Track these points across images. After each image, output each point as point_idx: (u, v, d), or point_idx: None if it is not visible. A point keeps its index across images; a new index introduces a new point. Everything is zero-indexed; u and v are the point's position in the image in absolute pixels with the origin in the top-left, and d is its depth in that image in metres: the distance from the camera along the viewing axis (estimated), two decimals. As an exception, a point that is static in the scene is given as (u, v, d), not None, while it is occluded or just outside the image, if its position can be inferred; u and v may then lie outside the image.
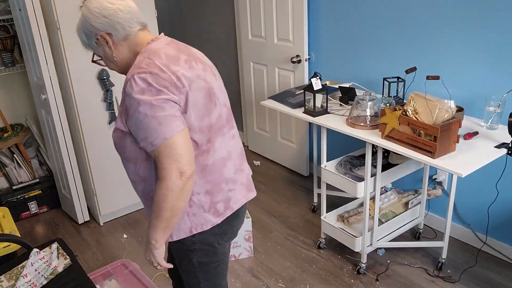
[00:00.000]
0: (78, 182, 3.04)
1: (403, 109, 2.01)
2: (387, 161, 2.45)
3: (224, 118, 1.48)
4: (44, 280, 1.97)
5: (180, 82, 1.32)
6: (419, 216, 2.71)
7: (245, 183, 1.56)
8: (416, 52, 2.61)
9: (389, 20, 2.69)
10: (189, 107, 1.34)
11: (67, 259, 2.11)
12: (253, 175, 3.63)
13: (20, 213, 3.24)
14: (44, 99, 2.81)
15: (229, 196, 1.49)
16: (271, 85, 3.64)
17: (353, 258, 2.62)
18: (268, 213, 3.15)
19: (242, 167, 1.55)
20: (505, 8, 2.17)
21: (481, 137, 2.10)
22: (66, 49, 2.63)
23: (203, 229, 1.46)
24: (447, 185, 2.69)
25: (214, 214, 1.47)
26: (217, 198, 1.46)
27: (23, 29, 2.76)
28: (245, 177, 1.56)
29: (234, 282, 2.50)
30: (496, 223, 2.53)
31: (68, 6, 2.57)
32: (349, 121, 2.30)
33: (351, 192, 2.33)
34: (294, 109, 2.59)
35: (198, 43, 4.56)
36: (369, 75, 2.93)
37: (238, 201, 1.53)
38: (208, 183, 1.44)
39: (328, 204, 2.99)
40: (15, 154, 3.28)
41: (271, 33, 3.44)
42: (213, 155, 1.43)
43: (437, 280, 2.42)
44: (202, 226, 1.46)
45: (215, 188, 1.45)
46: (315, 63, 3.28)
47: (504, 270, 2.46)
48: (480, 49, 2.33)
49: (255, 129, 4.02)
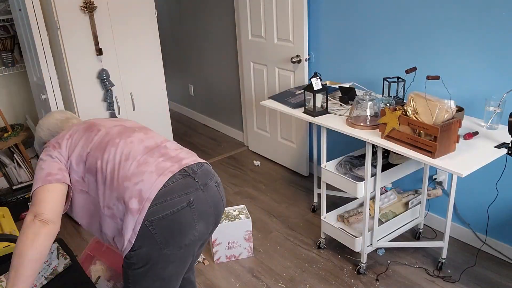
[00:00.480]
0: (78, 182, 3.04)
1: (403, 109, 2.01)
2: (387, 161, 2.45)
3: (111, 134, 1.63)
4: (44, 280, 1.97)
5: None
6: (419, 216, 2.71)
7: (154, 171, 1.54)
8: (416, 52, 2.61)
9: (389, 20, 2.69)
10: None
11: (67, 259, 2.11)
12: (253, 175, 3.66)
13: (20, 213, 3.23)
14: (44, 99, 2.82)
15: (139, 188, 1.50)
16: (271, 85, 3.64)
17: (353, 258, 2.62)
18: (268, 213, 3.16)
19: (147, 160, 1.57)
20: (505, 8, 2.17)
21: (481, 137, 2.10)
22: (66, 49, 2.63)
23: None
24: (447, 185, 2.69)
25: (132, 214, 1.48)
26: (127, 196, 1.49)
27: (23, 29, 2.76)
28: (153, 166, 1.55)
29: (234, 282, 2.50)
30: (496, 223, 2.53)
31: (68, 6, 2.58)
32: (349, 121, 2.30)
33: (351, 192, 2.33)
34: (294, 109, 2.59)
35: (198, 43, 4.56)
36: (369, 75, 2.93)
37: (150, 188, 1.50)
38: (114, 191, 1.52)
39: (328, 204, 2.99)
40: (15, 154, 3.28)
41: (271, 33, 3.44)
42: (104, 168, 1.55)
43: (437, 280, 2.42)
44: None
45: (121, 190, 1.51)
46: (315, 63, 3.28)
47: (504, 270, 2.46)
48: (480, 49, 2.33)
49: (255, 129, 4.02)
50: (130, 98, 2.96)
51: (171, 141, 1.74)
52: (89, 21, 2.67)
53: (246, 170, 3.80)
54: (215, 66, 4.42)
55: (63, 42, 2.61)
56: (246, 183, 3.58)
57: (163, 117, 3.17)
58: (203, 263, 2.66)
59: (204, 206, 1.57)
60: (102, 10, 2.71)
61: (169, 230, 1.49)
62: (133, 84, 2.95)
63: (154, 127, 3.14)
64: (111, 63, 2.82)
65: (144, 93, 3.02)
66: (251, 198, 3.36)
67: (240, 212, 2.71)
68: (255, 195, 3.40)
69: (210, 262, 2.67)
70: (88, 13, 2.65)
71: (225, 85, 4.35)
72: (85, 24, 2.66)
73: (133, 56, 2.91)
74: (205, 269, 2.61)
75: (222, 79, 4.38)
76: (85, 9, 2.63)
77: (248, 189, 3.49)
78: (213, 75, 4.49)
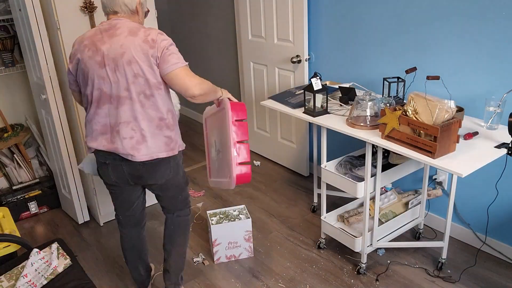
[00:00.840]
0: (78, 182, 3.04)
1: (403, 109, 2.01)
2: (387, 161, 2.45)
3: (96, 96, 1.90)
4: (44, 280, 1.97)
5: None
6: (419, 216, 2.71)
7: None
8: (416, 52, 2.61)
9: (389, 20, 2.69)
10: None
11: (67, 259, 2.11)
12: (253, 175, 3.66)
13: (20, 213, 3.24)
14: (44, 99, 2.82)
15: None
16: (271, 85, 3.64)
17: (353, 258, 2.62)
18: (268, 213, 3.16)
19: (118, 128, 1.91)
20: (505, 8, 2.17)
21: (481, 137, 2.10)
22: (66, 49, 2.63)
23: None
24: (447, 185, 2.69)
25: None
26: None
27: (23, 29, 2.76)
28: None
29: (234, 282, 2.50)
30: (496, 223, 2.53)
31: (68, 6, 2.58)
32: (349, 121, 2.30)
33: (351, 192, 2.33)
34: (294, 109, 2.59)
35: (198, 43, 4.56)
36: (369, 75, 2.93)
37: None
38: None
39: (328, 204, 2.99)
40: (15, 154, 3.28)
41: (271, 33, 3.44)
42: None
43: (437, 280, 2.42)
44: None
45: None
46: (315, 63, 3.28)
47: (503, 270, 2.46)
48: (480, 49, 2.33)
49: (255, 129, 4.02)
50: (130, 98, 2.96)
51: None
52: (89, 21, 2.67)
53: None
54: (215, 66, 4.42)
55: (63, 42, 2.61)
56: (246, 183, 3.59)
57: (163, 117, 3.17)
58: (203, 263, 2.66)
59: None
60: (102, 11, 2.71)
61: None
62: (133, 84, 2.95)
63: (154, 127, 3.14)
64: (111, 63, 2.82)
65: (144, 93, 3.02)
66: (251, 198, 3.36)
67: (240, 212, 2.71)
68: (255, 195, 3.40)
69: (210, 262, 2.67)
70: (88, 13, 2.65)
71: (225, 85, 4.35)
72: (85, 24, 2.66)
73: (133, 56, 2.90)
74: (205, 269, 2.61)
75: (222, 79, 4.37)
76: (85, 9, 2.63)
77: (248, 189, 3.49)
78: (213, 75, 4.49)
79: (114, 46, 1.81)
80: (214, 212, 2.72)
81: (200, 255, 2.71)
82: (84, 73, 1.87)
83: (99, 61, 1.82)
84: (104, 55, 1.81)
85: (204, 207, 3.26)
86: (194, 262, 2.67)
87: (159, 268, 2.61)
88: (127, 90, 1.83)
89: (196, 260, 2.68)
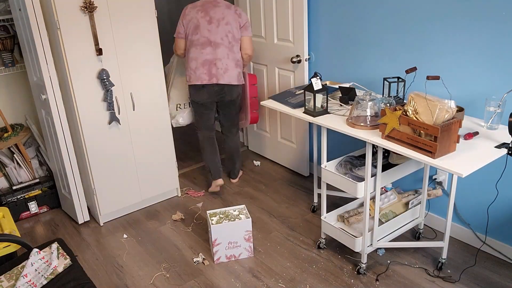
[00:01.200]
0: (78, 182, 3.04)
1: (403, 109, 2.01)
2: (387, 161, 2.45)
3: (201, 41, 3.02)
4: (44, 280, 1.97)
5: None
6: (419, 216, 2.71)
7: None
8: (416, 52, 2.61)
9: (389, 20, 2.69)
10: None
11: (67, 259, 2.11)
12: (253, 175, 3.66)
13: (20, 213, 3.24)
14: (44, 99, 2.82)
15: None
16: (271, 85, 3.64)
17: (353, 258, 2.62)
18: (268, 213, 3.16)
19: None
20: (505, 8, 2.17)
21: (481, 137, 2.10)
22: (66, 49, 2.63)
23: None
24: (447, 185, 2.69)
25: None
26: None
27: (23, 29, 2.76)
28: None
29: (234, 282, 2.50)
30: (496, 223, 2.53)
31: (68, 6, 2.58)
32: (349, 121, 2.30)
33: (351, 192, 2.33)
34: (294, 109, 2.59)
35: (198, 43, 4.55)
36: (369, 75, 2.93)
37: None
38: None
39: (328, 204, 2.99)
40: (15, 154, 3.28)
41: (271, 33, 3.44)
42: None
43: (437, 280, 2.42)
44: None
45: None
46: (315, 63, 3.28)
47: (503, 270, 2.46)
48: (480, 49, 2.33)
49: (255, 129, 4.02)
50: (130, 98, 2.96)
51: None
52: (89, 21, 2.67)
53: (246, 170, 3.80)
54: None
55: (63, 42, 2.61)
56: (246, 183, 3.58)
57: (163, 118, 3.17)
58: (203, 263, 2.66)
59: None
60: (102, 10, 2.71)
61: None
62: (133, 84, 2.95)
63: (154, 127, 3.14)
64: (111, 63, 2.82)
65: (144, 93, 3.02)
66: (251, 198, 3.36)
67: (240, 212, 2.71)
68: (255, 195, 3.40)
69: (210, 262, 2.67)
70: (88, 13, 2.65)
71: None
72: (85, 24, 2.66)
73: (133, 56, 2.91)
74: (205, 269, 2.61)
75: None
76: (85, 9, 2.63)
77: (248, 189, 3.49)
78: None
79: (217, 13, 2.96)
80: (214, 212, 2.72)
81: (200, 255, 2.71)
82: (195, 26, 2.97)
83: (208, 20, 2.96)
84: (211, 17, 2.95)
85: (204, 207, 3.26)
86: (194, 262, 2.67)
87: (159, 268, 2.61)
88: (222, 39, 2.98)
89: (196, 260, 2.68)
